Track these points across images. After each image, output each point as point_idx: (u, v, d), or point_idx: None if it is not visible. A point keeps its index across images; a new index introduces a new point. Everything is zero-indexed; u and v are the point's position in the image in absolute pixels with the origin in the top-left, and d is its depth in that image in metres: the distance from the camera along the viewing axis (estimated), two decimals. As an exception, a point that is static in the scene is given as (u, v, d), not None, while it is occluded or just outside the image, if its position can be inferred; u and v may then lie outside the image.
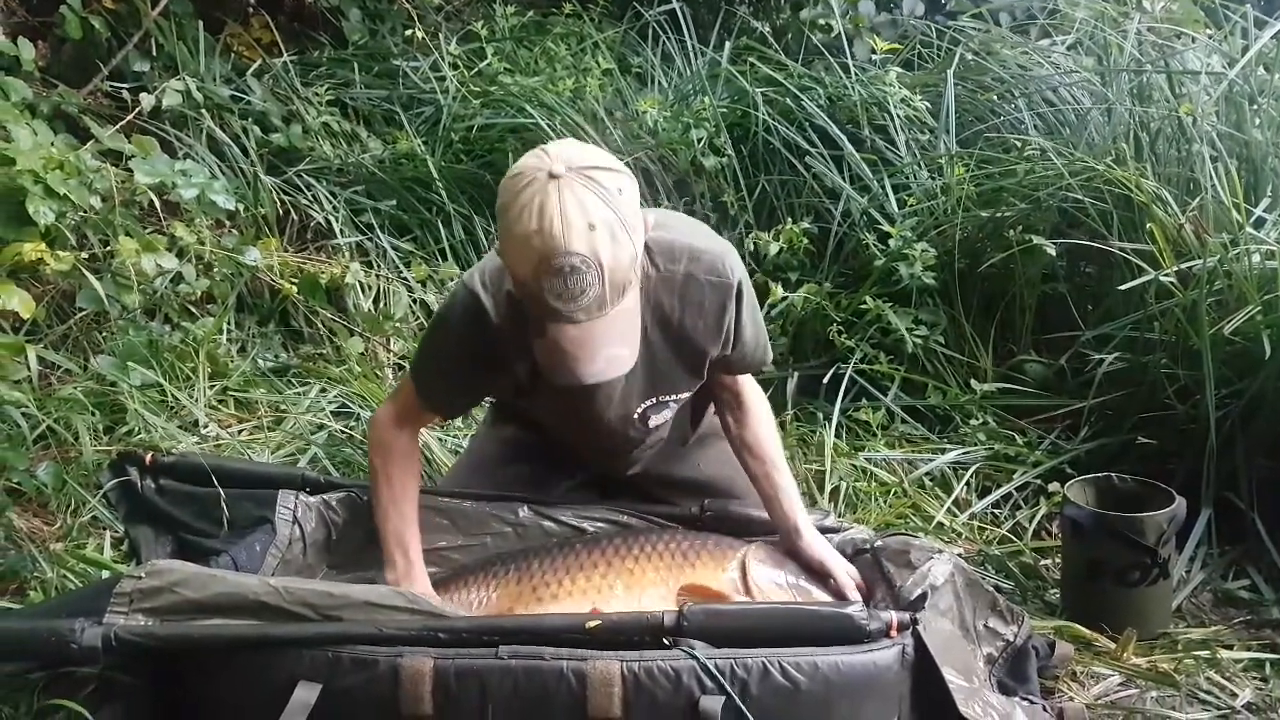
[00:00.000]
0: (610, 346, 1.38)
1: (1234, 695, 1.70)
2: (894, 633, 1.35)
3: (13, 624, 1.46)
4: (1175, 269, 2.26)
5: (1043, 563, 2.11)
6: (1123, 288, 2.34)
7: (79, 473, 1.94)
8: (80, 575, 1.75)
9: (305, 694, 1.28)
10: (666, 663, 1.28)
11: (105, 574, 1.76)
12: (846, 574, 1.66)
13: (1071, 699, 1.65)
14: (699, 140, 3.11)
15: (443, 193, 3.06)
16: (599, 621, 1.34)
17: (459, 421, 2.38)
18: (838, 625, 1.35)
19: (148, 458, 1.84)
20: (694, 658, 1.28)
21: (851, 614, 1.35)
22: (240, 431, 2.25)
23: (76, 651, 1.30)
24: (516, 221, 1.33)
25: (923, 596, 1.50)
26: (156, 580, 1.38)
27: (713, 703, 1.26)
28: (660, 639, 1.33)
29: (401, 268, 2.91)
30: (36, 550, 1.77)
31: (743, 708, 1.26)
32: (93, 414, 2.08)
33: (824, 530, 1.81)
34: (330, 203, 2.98)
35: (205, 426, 2.19)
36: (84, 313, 2.31)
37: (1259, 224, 2.35)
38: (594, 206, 1.32)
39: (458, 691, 1.29)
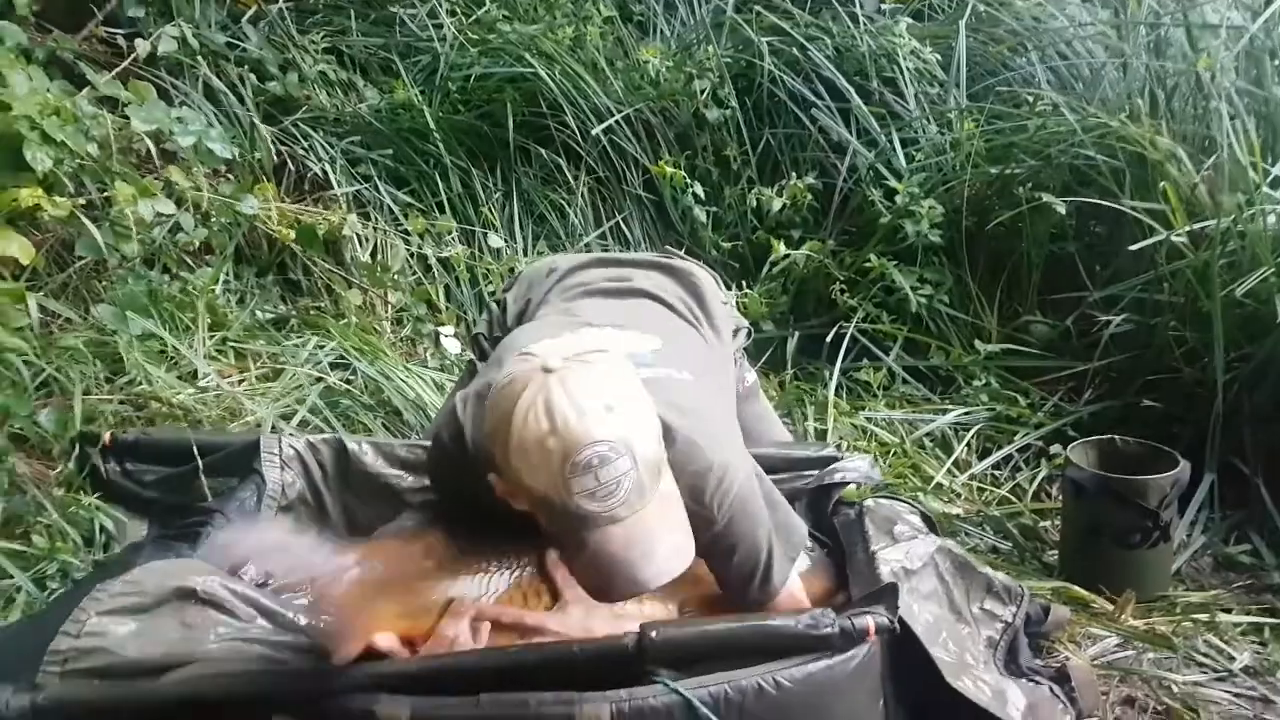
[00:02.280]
0: (668, 535, 1.23)
1: (1231, 658, 1.70)
2: (870, 637, 1.28)
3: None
4: (1187, 229, 2.24)
5: (1042, 524, 2.11)
6: (1133, 248, 2.31)
7: (73, 421, 1.93)
8: (80, 524, 1.75)
9: None
10: (659, 699, 1.21)
11: (105, 522, 1.76)
12: None
13: (1068, 658, 1.65)
14: (702, 91, 3.05)
15: (440, 144, 3.01)
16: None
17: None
18: (810, 640, 1.28)
19: (106, 438, 1.79)
20: (679, 693, 1.21)
21: (824, 633, 1.27)
22: (240, 382, 2.24)
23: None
24: (524, 427, 1.18)
25: (897, 584, 1.44)
26: (93, 641, 1.29)
27: None
28: (626, 668, 1.25)
29: (400, 218, 2.88)
30: (41, 495, 1.77)
31: None
32: (94, 364, 2.07)
33: (825, 460, 1.77)
34: (327, 153, 2.94)
35: (205, 377, 2.18)
36: (83, 261, 2.28)
37: (1276, 184, 2.31)
38: (602, 388, 1.20)
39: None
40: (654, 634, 1.25)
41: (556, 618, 1.39)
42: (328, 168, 2.89)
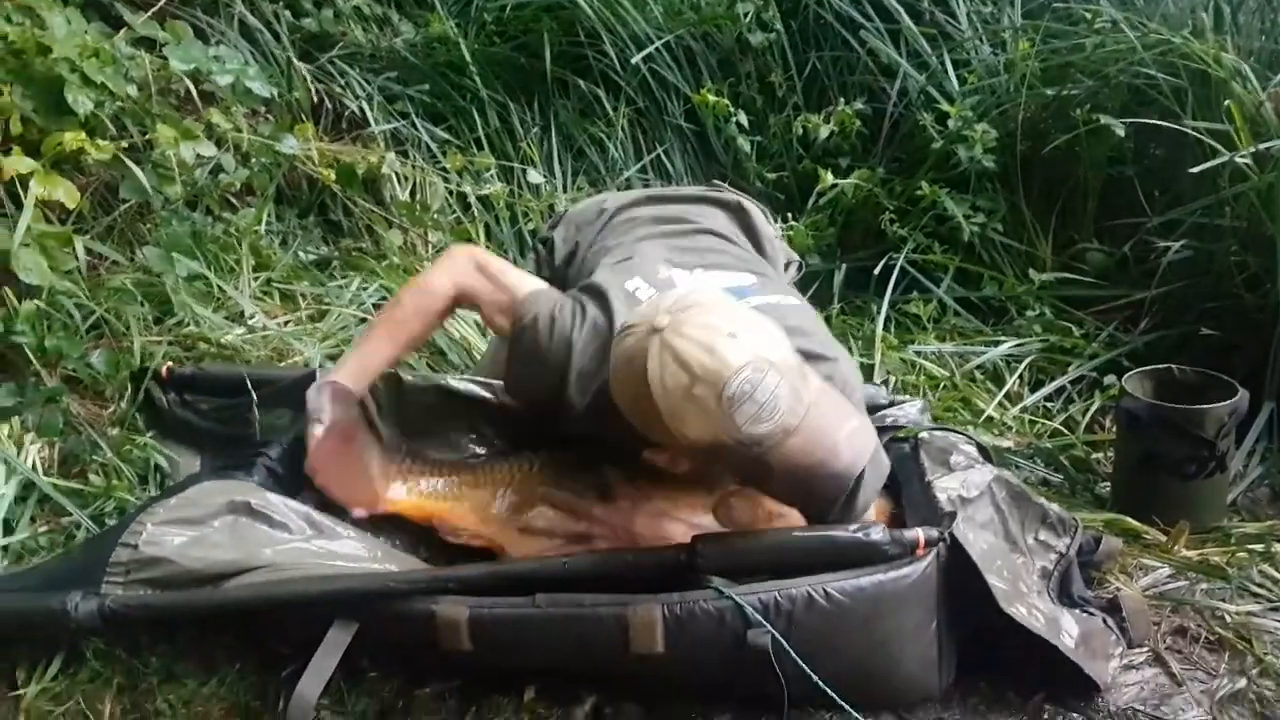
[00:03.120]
0: (842, 424, 1.26)
1: (1287, 588, 1.67)
2: (920, 551, 1.31)
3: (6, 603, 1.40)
4: (1252, 150, 2.14)
5: (1094, 456, 2.07)
6: (1194, 170, 2.22)
7: (131, 361, 1.97)
8: (135, 463, 1.80)
9: (341, 630, 1.29)
10: (710, 604, 1.25)
11: (159, 460, 1.81)
12: None
13: (1119, 589, 1.64)
14: (745, 14, 2.97)
15: (476, 78, 2.97)
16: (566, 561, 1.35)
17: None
18: (860, 549, 1.30)
19: (164, 370, 1.85)
20: (731, 598, 1.24)
21: (874, 541, 1.30)
22: (286, 323, 2.26)
23: (74, 625, 1.31)
24: (665, 389, 1.21)
25: (955, 511, 1.45)
26: (153, 550, 1.36)
27: (761, 636, 1.23)
28: (678, 575, 1.29)
29: (438, 156, 2.86)
30: (96, 435, 1.82)
31: (785, 645, 1.23)
32: (142, 305, 2.10)
33: (874, 408, 1.77)
34: (364, 90, 2.92)
35: (252, 317, 2.20)
36: (127, 204, 2.30)
37: (1348, 100, 2.20)
38: (717, 320, 1.23)
39: (495, 635, 1.29)
40: (705, 545, 1.30)
41: (603, 507, 1.47)
42: (364, 105, 2.88)
